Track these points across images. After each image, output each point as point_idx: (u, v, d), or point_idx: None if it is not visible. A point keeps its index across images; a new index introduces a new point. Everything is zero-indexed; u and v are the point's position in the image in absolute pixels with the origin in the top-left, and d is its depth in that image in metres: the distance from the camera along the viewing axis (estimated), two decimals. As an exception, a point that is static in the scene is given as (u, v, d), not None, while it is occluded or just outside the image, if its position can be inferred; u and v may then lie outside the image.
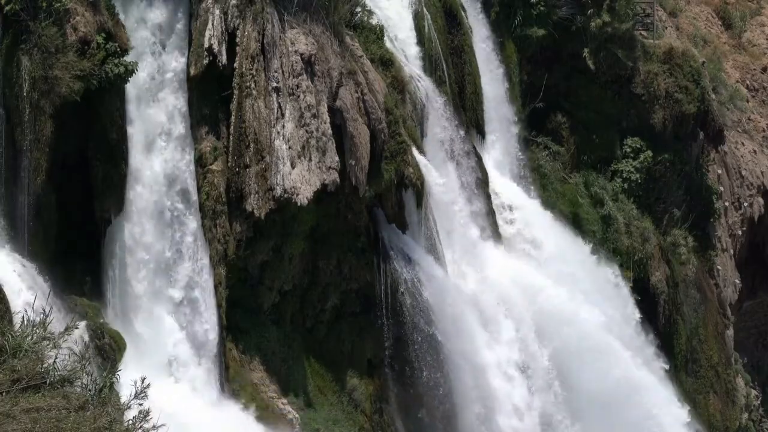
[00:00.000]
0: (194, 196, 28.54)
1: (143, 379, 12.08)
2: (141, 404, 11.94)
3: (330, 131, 29.90)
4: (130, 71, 26.30)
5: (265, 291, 30.43)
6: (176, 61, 28.54)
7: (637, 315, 40.18)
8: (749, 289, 50.09)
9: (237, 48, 29.13)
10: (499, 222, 37.57)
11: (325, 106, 30.10)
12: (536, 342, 35.58)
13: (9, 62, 25.17)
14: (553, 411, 35.53)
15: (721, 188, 46.69)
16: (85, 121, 26.48)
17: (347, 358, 32.05)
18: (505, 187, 38.84)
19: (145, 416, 11.62)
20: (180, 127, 28.46)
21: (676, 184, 43.70)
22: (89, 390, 12.18)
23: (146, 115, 27.92)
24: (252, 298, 30.33)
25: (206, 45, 28.61)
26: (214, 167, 28.97)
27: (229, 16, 29.13)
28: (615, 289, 40.02)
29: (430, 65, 36.11)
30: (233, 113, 29.02)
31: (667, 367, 40.19)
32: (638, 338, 39.83)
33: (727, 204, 47.44)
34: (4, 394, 11.69)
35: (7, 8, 24.93)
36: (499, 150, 39.75)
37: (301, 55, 29.88)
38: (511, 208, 38.53)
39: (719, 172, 47.17)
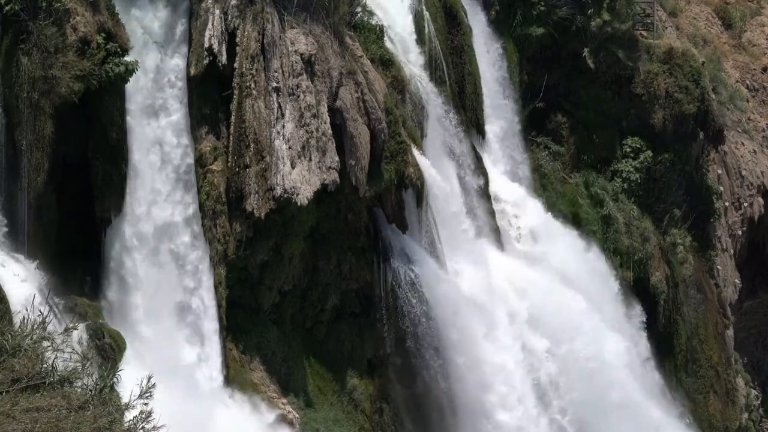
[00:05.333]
0: None
1: (149, 378, 11.99)
2: (146, 404, 11.87)
3: (330, 131, 29.88)
4: (130, 71, 26.28)
5: (265, 291, 30.41)
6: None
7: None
8: (749, 289, 50.09)
9: (237, 48, 29.11)
10: (499, 222, 37.56)
11: (325, 106, 30.07)
12: (536, 338, 35.61)
13: (9, 62, 25.16)
14: (553, 406, 35.58)
15: (721, 188, 46.68)
16: (85, 121, 26.46)
17: (347, 358, 32.02)
18: (505, 187, 38.83)
19: (148, 417, 11.57)
20: None
21: (676, 184, 43.68)
22: (89, 390, 12.15)
23: None
24: (252, 298, 30.31)
25: (206, 45, 28.60)
26: (214, 167, 28.95)
27: (229, 16, 29.12)
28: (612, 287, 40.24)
29: (430, 65, 36.10)
30: (233, 113, 29.00)
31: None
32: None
33: (727, 204, 47.42)
34: (4, 393, 11.67)
35: (7, 8, 24.92)
36: (499, 150, 39.75)
37: (301, 55, 29.86)
38: (511, 208, 38.53)
39: (719, 172, 47.16)
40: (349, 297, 32.35)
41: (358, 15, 33.05)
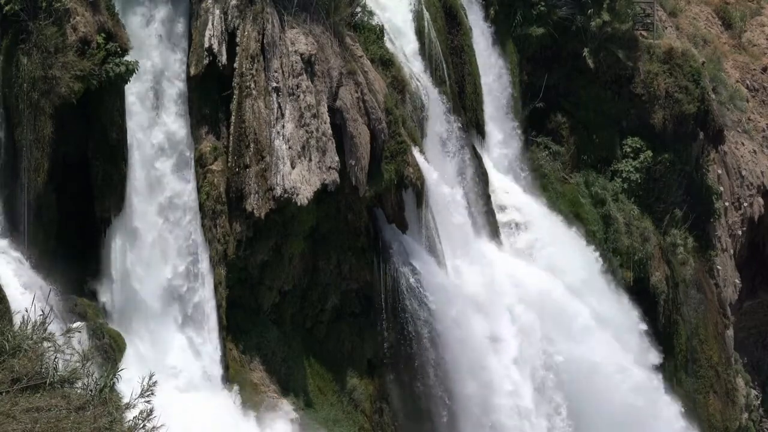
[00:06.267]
0: None
1: (151, 377, 11.96)
2: (149, 401, 11.85)
3: (330, 131, 29.89)
4: (130, 71, 26.27)
5: (265, 291, 30.42)
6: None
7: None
8: (749, 289, 50.09)
9: (237, 48, 29.12)
10: (499, 221, 37.56)
11: (325, 106, 30.08)
12: (536, 338, 35.60)
13: (9, 62, 25.16)
14: (554, 408, 35.59)
15: (721, 188, 46.68)
16: (85, 121, 26.46)
17: (347, 358, 32.03)
18: (505, 187, 38.85)
19: (149, 416, 11.56)
20: None
21: (676, 184, 43.68)
22: (90, 390, 12.14)
23: None
24: (252, 298, 30.31)
25: (206, 45, 28.60)
26: (214, 167, 28.96)
27: (229, 16, 29.12)
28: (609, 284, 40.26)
29: (430, 65, 36.10)
30: (233, 113, 29.01)
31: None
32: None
33: (727, 204, 47.43)
34: (4, 393, 11.67)
35: (7, 8, 24.91)
36: (499, 150, 39.75)
37: (301, 55, 29.87)
38: (510, 208, 38.53)
39: (719, 172, 47.17)
40: (349, 297, 32.35)
41: (358, 15, 33.06)
